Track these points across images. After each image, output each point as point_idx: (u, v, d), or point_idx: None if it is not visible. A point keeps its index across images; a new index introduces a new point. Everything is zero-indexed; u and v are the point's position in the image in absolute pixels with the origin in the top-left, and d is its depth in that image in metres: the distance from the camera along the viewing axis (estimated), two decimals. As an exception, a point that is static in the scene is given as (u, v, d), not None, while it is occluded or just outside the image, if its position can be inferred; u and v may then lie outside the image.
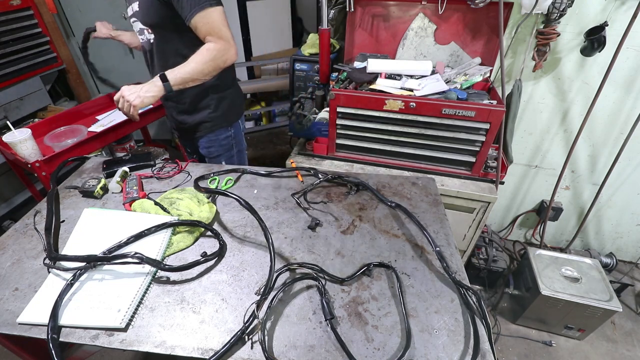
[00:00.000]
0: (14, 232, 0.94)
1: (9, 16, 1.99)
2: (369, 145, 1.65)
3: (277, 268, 0.80)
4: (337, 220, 0.99)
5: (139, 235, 0.87)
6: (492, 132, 1.43)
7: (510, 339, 1.85)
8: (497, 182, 1.59)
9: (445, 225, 0.99)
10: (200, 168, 1.21)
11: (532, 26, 1.58)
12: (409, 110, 1.47)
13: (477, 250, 1.96)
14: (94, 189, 1.04)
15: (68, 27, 2.52)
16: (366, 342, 0.69)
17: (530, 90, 1.78)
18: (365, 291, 0.79)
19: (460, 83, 1.58)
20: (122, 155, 1.31)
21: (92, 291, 0.76)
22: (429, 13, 1.65)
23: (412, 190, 1.12)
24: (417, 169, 1.64)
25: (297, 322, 0.72)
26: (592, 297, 1.64)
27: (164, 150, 2.24)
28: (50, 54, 2.28)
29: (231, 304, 0.76)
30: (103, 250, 0.82)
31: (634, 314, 1.99)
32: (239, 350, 0.67)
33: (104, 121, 1.89)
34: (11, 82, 2.06)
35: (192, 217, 0.94)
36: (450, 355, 0.67)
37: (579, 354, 1.79)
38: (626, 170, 1.90)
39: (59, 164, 1.24)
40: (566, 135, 1.87)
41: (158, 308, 0.74)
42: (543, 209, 2.10)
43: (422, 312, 0.75)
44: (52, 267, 0.80)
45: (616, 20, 1.48)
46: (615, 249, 2.23)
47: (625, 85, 1.66)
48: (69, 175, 1.18)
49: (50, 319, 0.68)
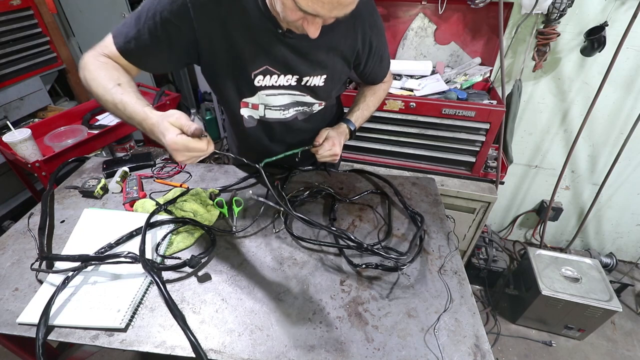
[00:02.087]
0: (14, 232, 0.94)
1: (9, 16, 1.99)
2: (369, 145, 1.65)
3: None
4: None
5: (135, 234, 0.87)
6: (492, 132, 1.43)
7: (510, 339, 1.85)
8: (497, 182, 1.59)
9: (445, 225, 0.99)
10: (200, 168, 1.21)
11: (532, 26, 1.58)
12: (409, 110, 1.47)
13: (477, 250, 1.97)
14: (94, 189, 1.04)
15: (68, 27, 2.52)
16: (366, 342, 0.69)
17: (530, 90, 1.78)
18: (365, 291, 0.79)
19: (460, 83, 1.58)
20: (122, 155, 1.30)
21: (92, 291, 0.76)
22: (429, 13, 1.65)
23: (412, 190, 1.12)
24: (417, 169, 1.64)
25: (297, 322, 0.72)
26: (592, 297, 1.64)
27: (164, 150, 2.24)
28: (50, 54, 2.28)
29: (231, 304, 0.76)
30: (98, 249, 0.82)
31: (634, 314, 1.99)
32: (239, 350, 0.67)
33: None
34: (11, 82, 2.06)
35: (196, 218, 0.94)
36: (450, 355, 0.67)
37: (579, 354, 1.79)
38: (626, 170, 1.90)
39: (59, 164, 1.24)
40: (566, 135, 1.87)
41: (158, 308, 0.74)
42: (543, 209, 2.10)
43: (422, 312, 0.75)
44: (38, 271, 0.80)
45: (616, 20, 1.48)
46: (615, 249, 2.23)
47: (625, 85, 1.66)
48: (69, 175, 1.18)
49: (40, 323, 0.67)
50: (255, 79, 0.88)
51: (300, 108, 1.00)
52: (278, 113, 0.98)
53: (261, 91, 0.92)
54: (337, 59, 0.92)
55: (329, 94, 1.01)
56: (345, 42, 0.89)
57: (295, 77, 0.90)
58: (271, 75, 0.89)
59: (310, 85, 0.93)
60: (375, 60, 0.99)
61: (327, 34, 0.79)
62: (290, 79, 0.90)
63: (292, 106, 0.98)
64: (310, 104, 0.99)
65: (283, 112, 0.99)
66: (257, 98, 0.94)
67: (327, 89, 0.96)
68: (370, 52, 0.95)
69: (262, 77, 0.88)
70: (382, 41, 0.98)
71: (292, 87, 0.92)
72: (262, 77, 0.88)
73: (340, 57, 0.92)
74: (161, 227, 0.91)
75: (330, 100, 1.06)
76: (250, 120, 1.01)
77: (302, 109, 1.00)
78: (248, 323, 0.72)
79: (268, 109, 0.97)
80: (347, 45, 0.90)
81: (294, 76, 0.90)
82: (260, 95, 0.93)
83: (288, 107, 0.98)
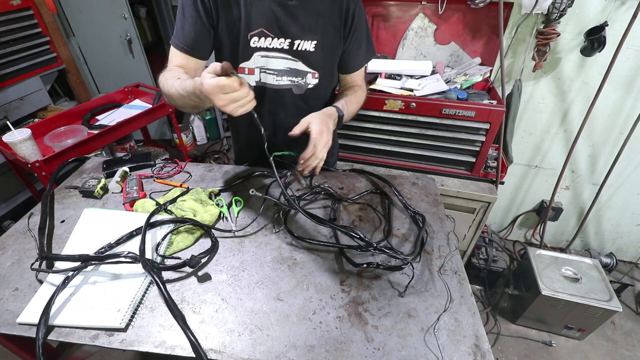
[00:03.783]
0: (14, 232, 0.94)
1: (9, 16, 1.99)
2: (369, 145, 1.65)
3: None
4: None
5: (135, 234, 0.87)
6: (492, 132, 1.43)
7: (510, 339, 1.85)
8: (497, 182, 1.59)
9: (445, 225, 0.99)
10: (200, 168, 1.21)
11: (532, 26, 1.58)
12: (409, 110, 1.47)
13: (477, 250, 1.97)
14: (94, 189, 1.04)
15: (68, 27, 2.52)
16: (366, 342, 0.69)
17: (530, 90, 1.78)
18: (365, 291, 0.79)
19: (460, 83, 1.58)
20: (122, 155, 1.30)
21: (92, 291, 0.76)
22: (429, 13, 1.65)
23: (412, 190, 1.12)
24: (417, 169, 1.64)
25: (297, 322, 0.72)
26: (592, 297, 1.64)
27: (164, 150, 2.25)
28: (50, 54, 2.28)
29: (231, 304, 0.76)
30: (98, 249, 0.82)
31: (634, 314, 1.99)
32: (239, 350, 0.67)
33: (104, 120, 1.89)
34: (11, 82, 2.06)
35: (196, 217, 0.94)
36: (450, 355, 0.67)
37: (579, 354, 1.79)
38: (626, 170, 1.90)
39: (59, 164, 1.24)
40: (566, 135, 1.87)
41: (158, 308, 0.74)
42: (543, 209, 2.10)
43: (422, 312, 0.75)
44: (38, 271, 0.80)
45: (616, 20, 1.49)
46: (615, 249, 2.23)
47: (625, 85, 1.66)
48: (69, 175, 1.18)
49: (40, 323, 0.67)
50: (251, 39, 0.96)
51: (294, 79, 1.04)
52: (272, 78, 1.03)
53: (256, 52, 0.99)
54: (327, 27, 0.99)
55: (322, 64, 1.04)
56: (333, 9, 0.97)
57: (288, 41, 0.97)
58: (265, 38, 0.97)
59: (301, 50, 0.99)
60: (354, 41, 1.04)
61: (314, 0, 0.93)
62: (283, 43, 0.98)
63: (285, 74, 1.03)
64: (303, 72, 1.03)
65: (277, 78, 1.03)
66: (253, 61, 1.00)
67: (319, 56, 1.02)
68: (352, 27, 1.01)
69: (258, 38, 0.96)
70: (361, 24, 1.04)
71: (285, 50, 0.99)
72: (258, 39, 0.96)
73: (330, 25, 0.99)
74: (161, 227, 0.91)
75: (324, 77, 1.07)
76: None
77: (296, 80, 1.04)
78: (248, 323, 0.72)
79: (263, 72, 1.02)
80: (334, 12, 0.98)
81: (286, 40, 0.97)
82: (256, 57, 0.99)
83: (282, 73, 1.03)
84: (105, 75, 2.78)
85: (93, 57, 2.69)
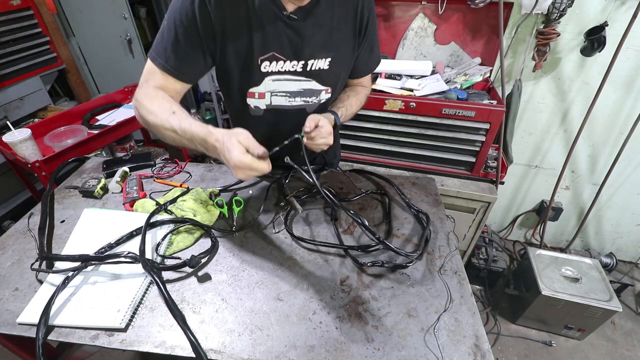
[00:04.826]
0: (14, 232, 0.94)
1: (9, 16, 2.00)
2: (369, 145, 1.65)
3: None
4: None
5: (135, 234, 0.87)
6: (492, 132, 1.43)
7: (510, 339, 1.85)
8: (497, 182, 1.59)
9: (445, 225, 0.99)
10: (200, 168, 1.21)
11: (532, 26, 1.58)
12: (409, 110, 1.47)
13: (477, 250, 1.97)
14: (94, 189, 1.04)
15: (68, 27, 2.53)
16: (366, 342, 0.69)
17: (530, 90, 1.78)
18: (365, 291, 0.79)
19: (460, 83, 1.58)
20: (122, 155, 1.30)
21: (92, 291, 0.76)
22: (429, 13, 1.65)
23: (412, 190, 1.12)
24: (417, 169, 1.64)
25: (297, 322, 0.72)
26: (592, 297, 1.64)
27: (164, 150, 2.25)
28: (50, 54, 2.28)
29: (231, 304, 0.76)
30: (98, 249, 0.82)
31: (634, 314, 1.99)
32: (239, 350, 0.67)
33: (104, 120, 1.89)
34: (11, 82, 2.06)
35: (196, 218, 0.94)
36: (450, 355, 0.67)
37: (579, 354, 1.79)
38: (626, 170, 1.90)
39: (59, 164, 1.24)
40: (566, 135, 1.87)
41: (158, 308, 0.74)
42: (543, 209, 2.10)
43: (422, 312, 0.75)
44: (38, 271, 0.80)
45: (616, 20, 1.49)
46: (615, 249, 2.23)
47: (625, 85, 1.66)
48: (69, 175, 1.18)
49: (40, 323, 0.67)
50: (261, 64, 0.89)
51: (307, 99, 0.99)
52: (284, 100, 0.98)
53: (268, 77, 0.92)
54: (342, 40, 0.93)
55: (335, 80, 1.00)
56: (347, 20, 0.91)
57: (301, 63, 0.91)
58: (277, 61, 0.90)
59: (315, 69, 0.93)
60: (366, 47, 1.00)
61: (328, 12, 0.86)
62: (296, 65, 0.91)
63: (299, 95, 0.97)
64: (317, 91, 0.98)
65: (289, 100, 0.98)
66: (264, 86, 0.94)
67: (333, 73, 0.96)
68: (366, 33, 0.96)
69: (269, 62, 0.90)
70: (374, 28, 1.00)
71: (298, 73, 0.93)
72: (269, 63, 0.90)
73: (345, 38, 0.93)
74: (161, 227, 0.91)
75: (337, 90, 1.04)
76: (256, 110, 1.01)
77: (309, 99, 0.99)
78: (248, 323, 0.72)
79: (275, 96, 0.97)
80: (348, 23, 0.91)
81: (299, 62, 0.91)
82: (267, 82, 0.93)
83: (294, 95, 0.97)
84: (105, 75, 2.79)
85: (93, 57, 2.69)
